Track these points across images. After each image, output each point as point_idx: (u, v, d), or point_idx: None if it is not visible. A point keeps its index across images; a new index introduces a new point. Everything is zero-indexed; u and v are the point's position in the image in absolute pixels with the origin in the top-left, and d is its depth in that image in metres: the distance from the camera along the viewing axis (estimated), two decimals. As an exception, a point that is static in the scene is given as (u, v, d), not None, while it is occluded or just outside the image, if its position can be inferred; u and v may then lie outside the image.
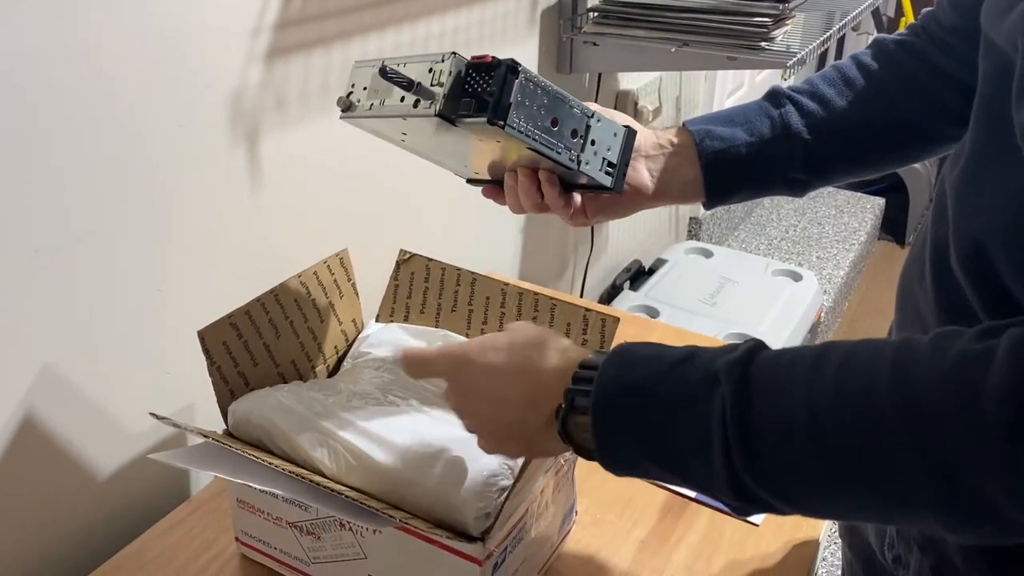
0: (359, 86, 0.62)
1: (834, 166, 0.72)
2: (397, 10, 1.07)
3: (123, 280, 0.83)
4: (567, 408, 0.51)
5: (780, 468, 0.44)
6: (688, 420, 0.46)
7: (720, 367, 0.45)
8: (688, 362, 0.48)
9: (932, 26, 0.71)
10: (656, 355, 0.50)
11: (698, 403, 0.45)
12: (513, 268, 1.51)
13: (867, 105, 0.70)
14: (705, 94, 2.27)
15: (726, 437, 0.44)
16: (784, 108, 0.70)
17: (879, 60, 0.72)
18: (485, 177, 0.72)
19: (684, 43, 1.30)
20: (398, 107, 0.59)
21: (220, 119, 0.88)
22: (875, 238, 3.10)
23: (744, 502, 0.46)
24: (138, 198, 0.82)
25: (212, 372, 0.72)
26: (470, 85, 0.57)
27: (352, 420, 0.69)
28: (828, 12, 1.54)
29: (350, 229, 1.10)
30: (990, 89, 0.52)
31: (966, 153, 0.53)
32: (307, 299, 0.81)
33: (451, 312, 0.86)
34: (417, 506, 0.64)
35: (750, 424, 0.44)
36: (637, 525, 0.86)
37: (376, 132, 0.64)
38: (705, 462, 0.45)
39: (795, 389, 0.43)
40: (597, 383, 0.50)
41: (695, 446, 0.46)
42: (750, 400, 0.44)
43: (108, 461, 0.86)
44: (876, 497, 0.43)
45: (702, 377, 0.46)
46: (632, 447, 0.49)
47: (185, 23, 0.82)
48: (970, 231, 0.51)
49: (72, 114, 0.74)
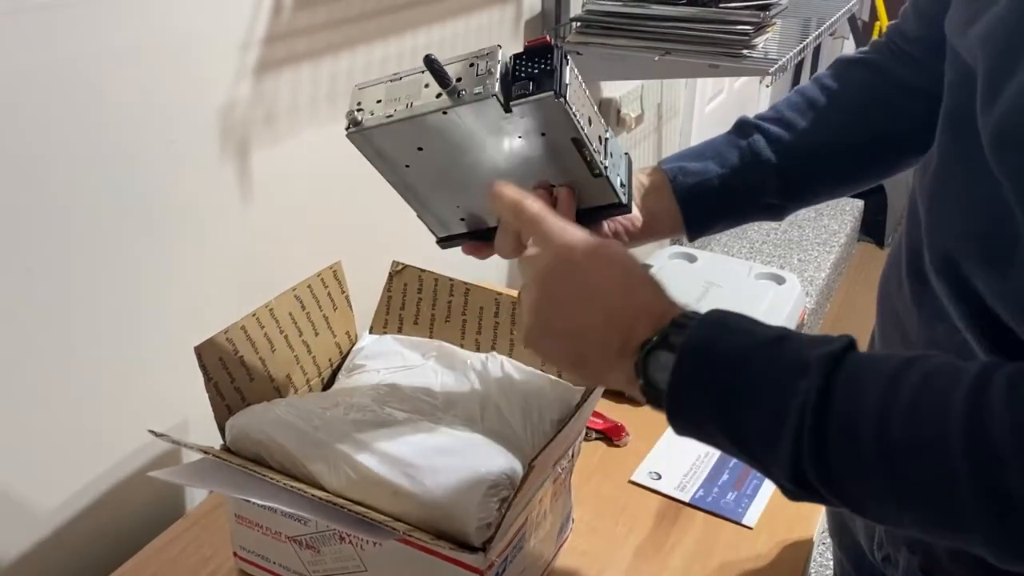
0: (368, 103, 0.61)
1: (808, 188, 0.73)
2: (384, 23, 1.08)
3: (116, 296, 0.83)
4: (658, 341, 0.49)
5: (844, 469, 0.44)
6: (769, 399, 0.46)
7: (813, 358, 0.45)
8: (781, 344, 0.47)
9: (897, 39, 0.73)
10: (751, 328, 0.49)
11: (783, 386, 0.45)
12: (501, 276, 1.52)
13: (832, 125, 0.72)
14: (686, 101, 2.29)
15: (801, 426, 0.44)
16: (752, 137, 0.71)
17: (840, 80, 0.73)
18: (467, 228, 0.69)
19: (666, 52, 1.31)
20: (436, 103, 0.58)
21: (210, 134, 0.88)
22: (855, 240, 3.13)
23: (797, 488, 0.46)
24: (130, 215, 0.82)
25: (209, 388, 0.72)
26: (520, 72, 0.57)
27: (350, 433, 0.69)
28: (805, 19, 1.56)
29: (342, 241, 1.10)
30: (956, 99, 0.53)
31: (934, 162, 0.55)
32: (301, 312, 0.81)
33: (445, 323, 0.86)
34: (418, 518, 0.64)
35: (827, 420, 0.44)
36: (633, 531, 0.86)
37: (380, 153, 0.62)
38: (771, 443, 0.46)
39: (875, 397, 0.44)
40: (695, 330, 0.49)
41: (767, 425, 0.46)
42: (833, 397, 0.44)
43: (103, 478, 0.86)
44: (930, 516, 0.43)
45: (792, 362, 0.46)
46: (703, 404, 0.48)
47: (174, 38, 0.82)
48: (942, 240, 0.52)
49: (61, 132, 0.74)
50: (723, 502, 0.90)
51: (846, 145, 0.72)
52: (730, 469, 0.95)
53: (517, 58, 0.58)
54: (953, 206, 0.52)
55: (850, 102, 0.72)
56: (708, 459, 0.96)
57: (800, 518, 0.88)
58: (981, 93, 0.47)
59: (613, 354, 0.51)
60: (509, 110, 0.57)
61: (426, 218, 0.68)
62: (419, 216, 0.68)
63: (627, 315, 0.51)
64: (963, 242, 0.50)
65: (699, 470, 0.95)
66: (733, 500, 0.90)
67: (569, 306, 0.52)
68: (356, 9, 1.03)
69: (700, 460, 0.96)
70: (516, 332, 0.83)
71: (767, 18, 1.30)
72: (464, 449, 0.68)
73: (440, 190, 0.65)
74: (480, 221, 0.67)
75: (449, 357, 0.82)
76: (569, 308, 0.52)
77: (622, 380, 0.52)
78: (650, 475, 0.94)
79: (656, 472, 0.94)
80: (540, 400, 0.75)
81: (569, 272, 0.53)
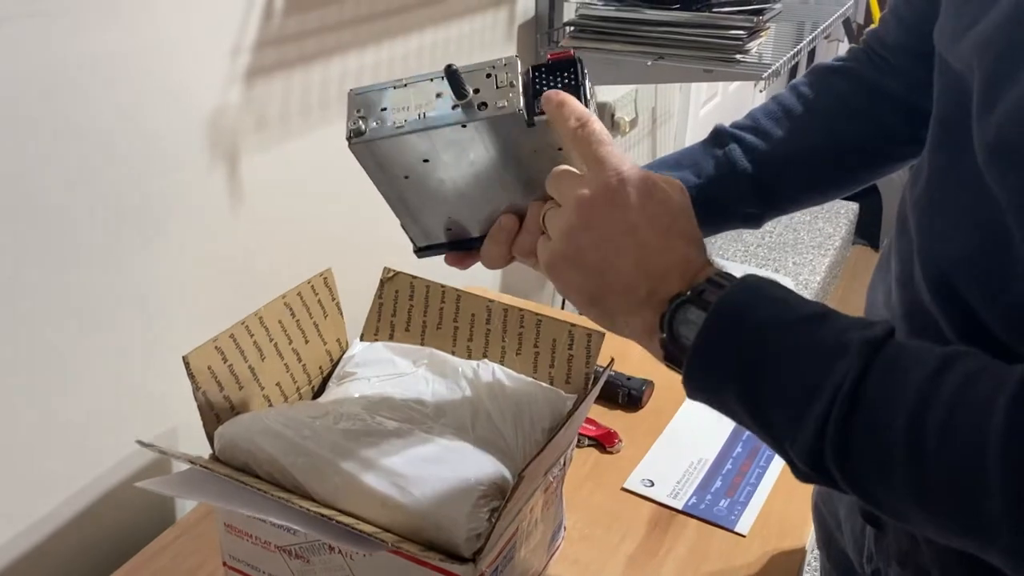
0: (371, 110, 0.58)
1: (785, 196, 0.73)
2: (376, 28, 1.08)
3: (104, 303, 0.82)
4: (691, 295, 0.48)
5: (867, 460, 0.43)
6: (800, 376, 0.44)
7: (854, 340, 0.44)
8: (820, 321, 0.46)
9: (876, 46, 0.72)
10: (791, 300, 0.47)
11: (819, 365, 0.44)
12: (495, 281, 1.51)
13: (808, 134, 0.71)
14: (680, 105, 2.29)
15: (829, 409, 0.43)
16: (728, 147, 0.71)
17: (817, 88, 0.73)
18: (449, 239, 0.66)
19: (660, 56, 1.31)
20: (454, 115, 0.56)
21: (200, 140, 0.88)
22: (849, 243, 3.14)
23: (811, 469, 0.45)
24: (118, 221, 0.81)
25: (197, 397, 0.71)
26: (541, 85, 0.56)
27: (340, 442, 0.69)
28: (799, 23, 1.56)
29: (333, 247, 1.10)
30: (946, 109, 0.53)
31: (925, 173, 0.54)
32: (291, 320, 0.81)
33: (436, 330, 0.86)
34: (408, 528, 0.64)
35: (858, 408, 0.43)
36: (625, 539, 0.86)
37: (381, 164, 0.59)
38: (794, 420, 0.44)
39: (912, 391, 0.42)
40: (732, 291, 0.47)
41: (793, 403, 0.44)
42: (868, 385, 0.43)
43: (92, 487, 0.85)
44: (951, 520, 0.42)
45: (831, 342, 0.44)
46: (727, 368, 0.47)
47: (163, 44, 0.81)
48: (933, 252, 0.52)
49: (49, 139, 0.74)
50: (716, 509, 0.90)
51: (822, 154, 0.72)
52: (723, 476, 0.95)
53: (536, 70, 0.56)
54: (946, 218, 0.51)
55: (827, 111, 0.72)
56: (701, 466, 0.96)
57: (793, 526, 0.88)
58: (977, 102, 0.46)
59: (636, 300, 0.49)
60: (532, 124, 0.56)
61: (411, 228, 0.66)
62: (403, 225, 0.66)
63: (661, 264, 0.49)
64: (955, 255, 0.50)
65: (692, 477, 0.94)
66: (726, 508, 0.90)
67: (604, 240, 0.50)
68: (348, 14, 1.02)
69: (693, 467, 0.96)
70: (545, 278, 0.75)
71: (761, 23, 1.30)
72: (454, 458, 0.68)
73: (433, 201, 0.63)
74: (464, 232, 0.66)
75: (440, 364, 0.82)
76: (603, 242, 0.50)
77: (637, 329, 0.50)
78: (643, 482, 0.93)
79: (649, 479, 0.94)
80: (531, 408, 0.75)
81: (614, 204, 0.50)
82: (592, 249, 0.50)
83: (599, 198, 0.50)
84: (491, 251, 0.62)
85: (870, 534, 0.63)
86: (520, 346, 0.82)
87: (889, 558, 0.60)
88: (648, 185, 0.51)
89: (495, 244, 0.62)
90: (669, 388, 1.08)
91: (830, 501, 0.72)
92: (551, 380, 0.80)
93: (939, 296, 0.51)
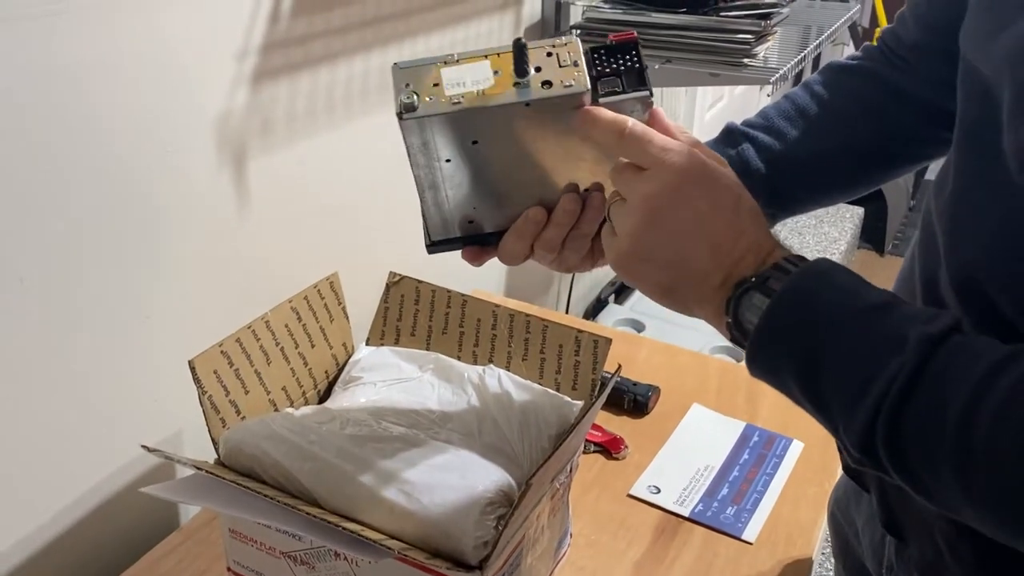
0: (421, 86, 0.54)
1: (797, 196, 0.72)
2: (383, 30, 1.07)
3: (110, 307, 0.82)
4: (756, 282, 0.48)
5: (917, 455, 0.43)
6: (856, 367, 0.45)
7: (913, 336, 0.44)
8: (882, 312, 0.46)
9: (892, 43, 0.71)
10: (855, 288, 0.48)
11: (874, 357, 0.44)
12: (499, 285, 1.51)
13: (822, 134, 0.70)
14: (686, 107, 2.28)
15: (882, 402, 0.43)
16: (741, 146, 0.70)
17: (830, 87, 0.72)
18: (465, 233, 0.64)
19: (667, 60, 1.31)
20: (517, 93, 0.53)
21: (206, 143, 0.88)
22: (855, 247, 3.13)
23: (863, 456, 0.45)
24: (124, 224, 0.81)
25: (203, 401, 0.71)
26: (601, 66, 0.55)
27: (346, 448, 0.68)
28: (805, 27, 1.56)
29: (339, 251, 1.09)
30: (972, 113, 0.52)
31: (951, 180, 0.53)
32: (298, 325, 0.80)
33: (442, 334, 0.85)
34: (414, 535, 0.63)
35: (911, 404, 0.43)
36: (632, 546, 0.85)
37: (426, 143, 0.56)
38: (848, 409, 0.45)
39: (967, 388, 0.42)
40: (795, 277, 0.48)
41: (848, 393, 0.45)
42: (922, 380, 0.43)
43: (96, 491, 0.85)
44: (999, 518, 0.42)
45: (890, 334, 0.45)
46: (785, 356, 0.47)
47: (170, 47, 0.81)
48: (962, 261, 0.51)
49: (55, 141, 0.74)
50: (723, 517, 0.89)
51: (838, 155, 0.71)
52: (729, 483, 0.94)
53: (596, 52, 0.55)
54: (975, 223, 0.50)
55: (841, 111, 0.71)
56: (708, 473, 0.96)
57: (800, 533, 0.87)
58: (1009, 108, 0.45)
59: (711, 288, 0.50)
60: (598, 104, 0.54)
61: (432, 219, 0.63)
62: (424, 214, 0.63)
63: (734, 251, 0.50)
64: (985, 259, 0.49)
65: (698, 484, 0.94)
66: (733, 515, 0.90)
67: (677, 235, 0.50)
68: (355, 17, 1.02)
69: (699, 474, 0.95)
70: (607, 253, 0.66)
71: (768, 27, 1.29)
72: (461, 465, 0.67)
73: (465, 188, 0.60)
74: (480, 227, 0.63)
75: (446, 370, 0.81)
76: (677, 237, 0.50)
77: (710, 312, 0.51)
78: (649, 489, 0.93)
79: (655, 486, 0.93)
80: (538, 414, 0.74)
81: (679, 201, 0.50)
82: (663, 246, 0.51)
83: (664, 196, 0.50)
84: (513, 245, 0.61)
85: (890, 544, 0.62)
86: (527, 351, 0.82)
87: (911, 569, 0.59)
88: (708, 172, 0.51)
89: (519, 238, 0.61)
90: (675, 393, 1.07)
91: (847, 510, 0.72)
92: (557, 386, 0.80)
93: (966, 301, 0.51)
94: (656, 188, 0.51)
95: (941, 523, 0.55)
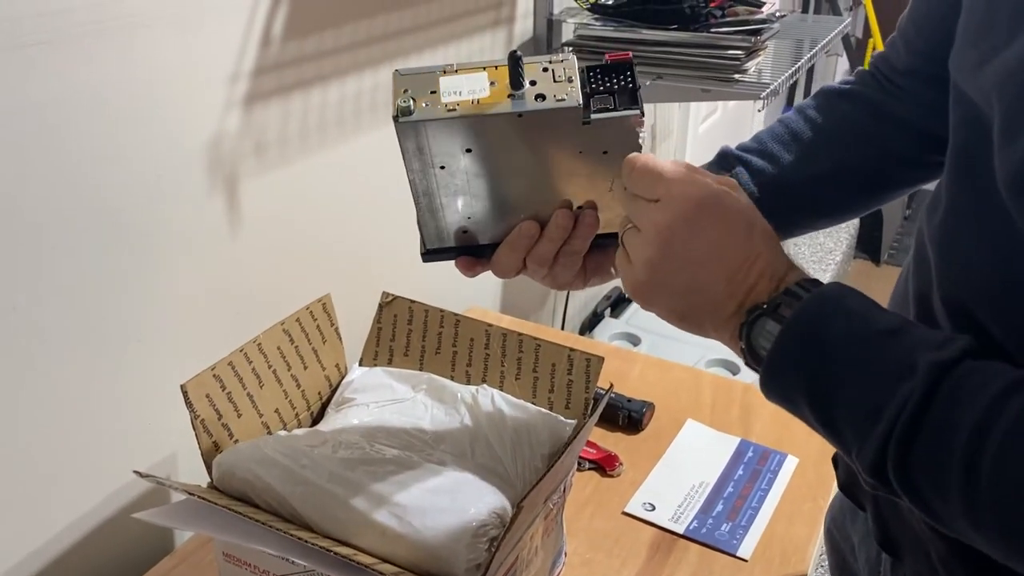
0: (419, 92, 0.56)
1: (791, 220, 0.72)
2: (374, 51, 1.08)
3: (102, 332, 0.82)
4: (767, 308, 0.49)
5: (927, 481, 0.44)
6: (866, 394, 0.45)
7: (922, 363, 0.44)
8: (892, 337, 0.46)
9: (884, 68, 0.72)
10: (866, 312, 0.48)
11: (884, 384, 0.45)
12: (495, 301, 1.51)
13: (815, 158, 0.71)
14: (680, 122, 2.29)
15: (892, 429, 0.44)
16: (734, 170, 0.71)
17: (824, 112, 0.73)
18: (460, 243, 0.66)
19: (658, 76, 1.31)
20: (509, 104, 0.55)
21: (198, 167, 0.88)
22: (851, 257, 3.14)
23: (876, 481, 0.46)
24: (116, 248, 0.81)
25: (196, 425, 0.71)
26: (595, 84, 0.56)
27: (338, 471, 0.68)
28: (797, 40, 1.56)
29: (331, 272, 1.09)
30: (963, 139, 0.52)
31: (943, 204, 0.53)
32: (290, 347, 0.81)
33: (435, 354, 0.85)
34: (406, 559, 0.63)
35: (919, 430, 0.43)
36: (626, 564, 0.85)
37: (421, 149, 0.57)
38: (860, 436, 0.45)
39: (975, 413, 0.42)
40: (806, 304, 0.48)
41: (859, 419, 0.45)
42: (931, 408, 0.43)
43: (90, 516, 0.85)
44: (1008, 541, 0.42)
45: (900, 361, 0.45)
46: (797, 381, 0.48)
47: (162, 70, 0.82)
48: (954, 286, 0.51)
49: (46, 166, 0.74)
50: (717, 534, 0.89)
51: (831, 179, 0.71)
52: (724, 500, 0.94)
53: (591, 70, 0.56)
54: (966, 250, 0.51)
55: (834, 135, 0.71)
56: (702, 490, 0.96)
57: (795, 550, 0.87)
58: (999, 134, 0.46)
59: (726, 315, 0.51)
60: (588, 122, 0.55)
61: (427, 227, 0.64)
62: (419, 222, 0.64)
63: (749, 277, 0.51)
64: (977, 287, 0.49)
65: (693, 501, 0.94)
66: (728, 532, 0.89)
67: (692, 264, 0.51)
68: (346, 38, 1.03)
69: (694, 491, 0.95)
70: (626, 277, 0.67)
71: (758, 42, 1.30)
72: (453, 488, 0.67)
73: (459, 197, 0.62)
74: (475, 237, 0.65)
75: (439, 390, 0.81)
76: (691, 267, 0.51)
77: (725, 337, 0.52)
78: (644, 506, 0.93)
79: (650, 503, 0.93)
80: (531, 434, 0.75)
81: (693, 230, 0.51)
82: (678, 274, 0.52)
83: (677, 226, 0.51)
84: (506, 258, 0.62)
85: (886, 562, 0.62)
86: (519, 371, 0.82)
87: None
88: (719, 199, 0.51)
89: (512, 251, 0.62)
90: (670, 409, 1.07)
91: (843, 527, 0.72)
92: (550, 405, 0.80)
93: (958, 325, 0.51)
94: (669, 218, 0.51)
95: (936, 541, 0.55)
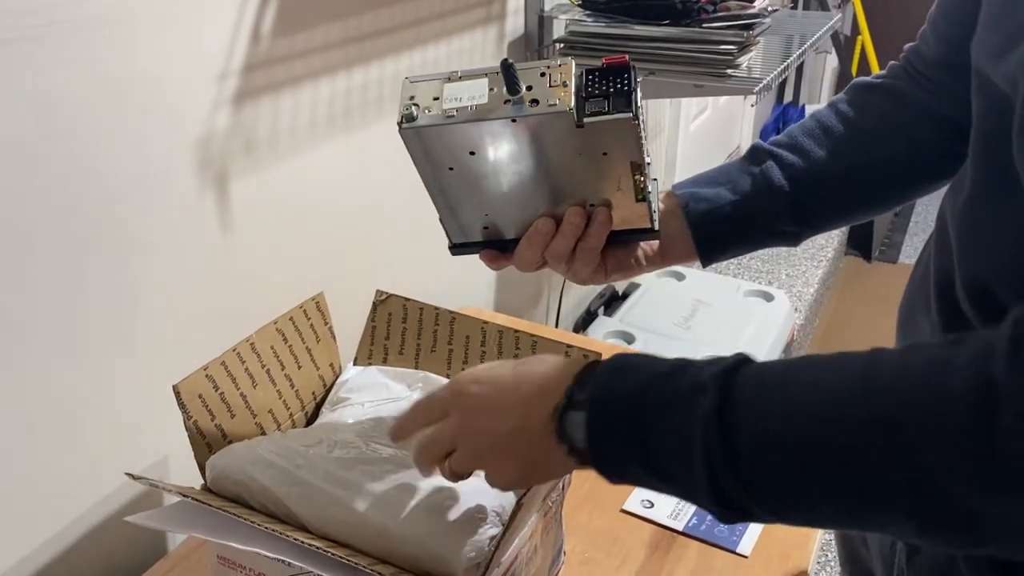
0: (423, 99, 0.59)
1: (822, 215, 0.72)
2: (365, 48, 1.07)
3: (94, 332, 0.81)
4: (566, 403, 0.51)
5: (757, 476, 0.45)
6: (673, 427, 0.47)
7: (707, 377, 0.46)
8: (679, 372, 0.49)
9: (915, 61, 0.71)
10: (649, 364, 0.50)
11: (683, 411, 0.46)
12: (488, 299, 1.50)
13: (847, 152, 0.71)
14: (671, 119, 2.29)
15: (708, 445, 0.45)
16: (765, 164, 0.71)
17: (856, 105, 0.72)
18: (485, 238, 0.68)
19: (650, 72, 1.31)
20: (505, 109, 0.57)
21: (188, 165, 0.87)
22: (842, 254, 3.14)
23: (725, 509, 0.46)
24: (106, 248, 0.80)
25: (189, 426, 0.70)
26: (593, 88, 0.57)
27: (334, 472, 0.68)
28: (788, 37, 1.56)
29: (325, 271, 1.08)
30: (987, 125, 0.52)
31: (967, 187, 0.53)
32: (284, 346, 0.80)
33: (430, 352, 0.85)
34: (405, 558, 0.62)
35: (730, 433, 0.45)
36: (626, 562, 0.85)
37: (427, 152, 0.60)
38: (688, 468, 0.46)
39: (772, 400, 0.45)
40: (595, 380, 0.50)
41: (679, 452, 0.46)
42: (733, 410, 0.45)
43: (82, 520, 0.84)
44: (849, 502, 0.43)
45: (690, 386, 0.47)
46: (621, 450, 0.49)
47: (151, 69, 0.81)
48: (975, 267, 0.51)
49: (33, 166, 0.73)
50: (717, 530, 0.89)
51: (862, 173, 0.71)
52: (723, 495, 0.93)
53: (589, 74, 0.58)
54: (988, 234, 0.51)
55: (866, 129, 0.71)
56: (701, 485, 0.95)
57: (795, 546, 0.87)
58: (1019, 120, 0.46)
59: (542, 438, 0.52)
60: (582, 125, 0.57)
61: (448, 223, 0.67)
62: (441, 219, 0.67)
63: (525, 401, 0.53)
64: (999, 270, 0.49)
65: (692, 497, 0.93)
66: (727, 528, 0.89)
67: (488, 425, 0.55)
68: (336, 35, 1.02)
69: (693, 487, 0.95)
70: None
71: (751, 37, 1.30)
72: (450, 486, 0.66)
73: (474, 196, 0.64)
74: (499, 232, 0.67)
75: (435, 388, 0.80)
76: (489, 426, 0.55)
77: (560, 464, 0.53)
78: (642, 503, 0.92)
79: (648, 500, 0.92)
80: (528, 432, 0.74)
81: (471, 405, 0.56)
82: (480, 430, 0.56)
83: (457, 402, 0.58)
84: (525, 254, 0.65)
85: (901, 552, 0.62)
86: (516, 368, 0.81)
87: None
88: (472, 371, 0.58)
89: (530, 247, 0.65)
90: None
91: None
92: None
93: (980, 306, 0.51)
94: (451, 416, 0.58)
95: None
